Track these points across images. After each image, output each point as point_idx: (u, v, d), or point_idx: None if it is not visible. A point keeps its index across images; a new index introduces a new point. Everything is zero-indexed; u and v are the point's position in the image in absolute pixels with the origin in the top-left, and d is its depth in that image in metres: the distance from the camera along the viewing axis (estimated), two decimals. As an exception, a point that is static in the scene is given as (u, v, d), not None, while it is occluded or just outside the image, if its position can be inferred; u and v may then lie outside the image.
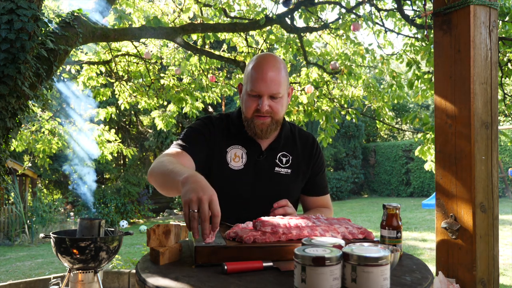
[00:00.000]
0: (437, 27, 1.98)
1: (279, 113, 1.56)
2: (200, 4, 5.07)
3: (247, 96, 1.55)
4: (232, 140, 1.63)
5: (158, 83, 6.24)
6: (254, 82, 1.51)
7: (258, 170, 1.61)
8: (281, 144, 1.65)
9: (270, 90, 1.51)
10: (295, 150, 1.68)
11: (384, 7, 5.16)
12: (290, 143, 1.68)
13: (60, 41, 3.36)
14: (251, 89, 1.52)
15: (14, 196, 10.47)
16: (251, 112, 1.55)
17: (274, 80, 1.51)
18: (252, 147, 1.63)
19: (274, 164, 1.63)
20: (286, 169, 1.64)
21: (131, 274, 4.65)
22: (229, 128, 1.65)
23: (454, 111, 1.90)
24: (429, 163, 4.96)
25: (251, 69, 1.54)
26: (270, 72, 1.51)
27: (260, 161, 1.62)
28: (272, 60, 1.55)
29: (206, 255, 1.10)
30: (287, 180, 1.63)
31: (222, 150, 1.62)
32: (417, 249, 7.12)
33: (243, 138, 1.63)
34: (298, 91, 5.76)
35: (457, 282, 1.85)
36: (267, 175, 1.62)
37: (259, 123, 1.54)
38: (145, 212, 14.36)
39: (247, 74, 1.56)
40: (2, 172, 3.06)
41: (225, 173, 1.59)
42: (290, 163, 1.65)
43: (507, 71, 3.70)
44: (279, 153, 1.65)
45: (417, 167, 17.39)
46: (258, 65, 1.53)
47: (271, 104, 1.53)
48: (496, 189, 1.89)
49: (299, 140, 1.71)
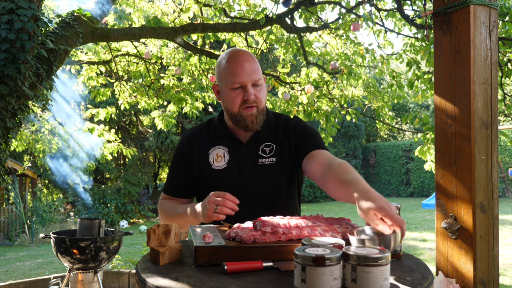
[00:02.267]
0: (437, 27, 1.98)
1: (262, 102, 1.59)
2: (200, 4, 5.07)
3: (229, 91, 1.56)
4: (214, 142, 1.67)
5: (158, 83, 6.24)
6: (235, 74, 1.53)
7: (241, 166, 1.62)
8: (261, 135, 1.63)
9: (252, 77, 1.54)
10: (277, 136, 1.65)
11: (384, 7, 5.16)
12: (272, 131, 1.66)
13: (60, 41, 3.36)
14: (233, 81, 1.54)
15: (14, 196, 10.47)
16: (237, 105, 1.56)
17: (253, 68, 1.55)
18: (233, 144, 1.65)
19: (257, 156, 1.63)
20: (270, 158, 1.62)
21: (131, 274, 4.65)
22: (209, 132, 1.70)
23: (454, 111, 1.90)
24: (429, 163, 4.96)
25: (226, 64, 1.56)
26: (246, 61, 1.54)
27: (242, 156, 1.63)
28: (243, 51, 1.60)
29: (206, 255, 1.10)
30: (273, 169, 1.61)
31: (204, 154, 1.65)
32: (417, 249, 7.12)
33: (223, 138, 1.66)
34: (298, 91, 5.76)
35: (457, 282, 1.85)
36: (251, 169, 1.61)
37: (247, 115, 1.56)
38: (145, 212, 14.36)
39: (224, 70, 1.57)
40: (2, 172, 3.06)
41: (209, 174, 1.63)
42: (274, 151, 1.63)
43: (507, 71, 3.70)
44: (262, 144, 1.64)
45: (417, 167, 17.40)
46: (233, 58, 1.56)
47: (255, 92, 1.56)
48: (496, 189, 1.89)
49: (281, 126, 1.68)
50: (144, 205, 14.39)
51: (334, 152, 18.52)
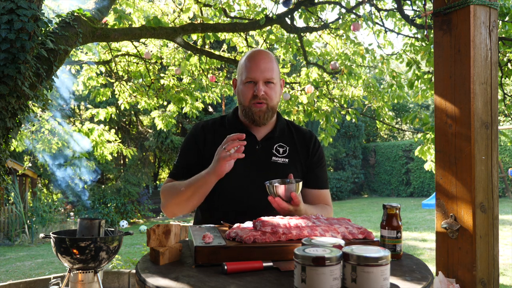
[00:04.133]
0: (437, 27, 1.98)
1: (273, 100, 1.67)
2: (200, 4, 5.07)
3: (243, 85, 1.67)
4: (227, 134, 1.67)
5: (158, 83, 6.24)
6: (249, 70, 1.64)
7: (255, 161, 1.67)
8: (276, 135, 1.72)
9: (264, 75, 1.63)
10: (292, 141, 1.74)
11: (384, 7, 5.16)
12: (287, 134, 1.76)
13: (60, 41, 3.35)
14: (246, 76, 1.64)
15: (14, 196, 10.47)
16: (248, 99, 1.65)
17: (267, 67, 1.64)
18: (248, 139, 1.66)
19: (271, 154, 1.70)
20: (283, 158, 1.70)
21: (131, 274, 4.65)
22: (224, 126, 1.75)
23: (454, 111, 1.90)
24: (429, 163, 4.96)
25: (245, 60, 1.67)
26: (263, 60, 1.64)
27: (256, 152, 1.68)
28: (264, 52, 1.70)
29: (206, 255, 1.10)
30: (285, 169, 1.67)
31: (218, 145, 1.65)
32: (417, 249, 7.12)
33: (238, 132, 1.67)
34: (298, 91, 5.76)
35: (457, 282, 1.85)
36: (264, 165, 1.67)
37: (256, 110, 1.64)
38: (145, 212, 14.36)
39: (242, 66, 1.68)
40: (2, 172, 3.06)
41: None
42: (287, 153, 1.71)
43: (507, 71, 3.69)
44: (276, 144, 1.72)
45: (417, 167, 17.39)
46: (252, 56, 1.67)
47: (266, 90, 1.64)
48: (496, 189, 1.89)
49: (296, 133, 1.78)
50: (144, 205, 14.38)
51: (334, 152, 18.52)
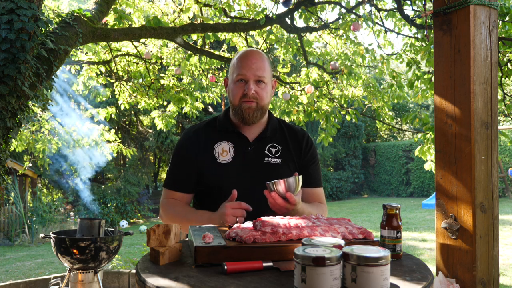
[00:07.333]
0: (437, 27, 1.98)
1: (264, 99, 1.65)
2: (200, 4, 5.07)
3: (233, 84, 1.66)
4: (219, 137, 1.70)
5: (158, 83, 6.24)
6: (240, 68, 1.63)
7: (247, 162, 1.66)
8: (268, 135, 1.71)
9: (255, 74, 1.62)
10: (284, 141, 1.73)
11: (384, 7, 5.16)
12: (279, 134, 1.74)
13: (60, 41, 3.35)
14: (237, 74, 1.63)
15: (14, 196, 10.47)
16: (238, 98, 1.64)
17: (258, 66, 1.62)
18: (239, 140, 1.69)
19: (263, 154, 1.68)
20: (276, 159, 1.69)
21: (131, 274, 4.65)
22: (215, 128, 1.73)
23: (454, 111, 1.90)
24: (429, 163, 4.95)
25: (237, 59, 1.66)
26: (254, 59, 1.63)
27: (248, 153, 1.67)
28: (256, 51, 1.69)
29: (206, 255, 1.10)
30: (278, 169, 1.66)
31: (210, 149, 1.67)
32: (417, 249, 7.12)
33: (229, 134, 1.70)
34: (298, 91, 5.76)
35: (457, 282, 1.85)
36: (257, 166, 1.66)
37: (246, 107, 1.63)
38: (145, 212, 14.36)
39: (233, 65, 1.68)
40: (2, 172, 3.06)
41: (214, 168, 1.65)
42: (280, 153, 1.70)
43: (507, 71, 3.69)
44: (268, 144, 1.70)
45: (417, 167, 17.39)
46: (243, 55, 1.66)
47: (256, 89, 1.62)
48: (496, 189, 1.89)
49: (288, 133, 1.76)
50: (144, 205, 14.38)
51: (334, 152, 18.51)
